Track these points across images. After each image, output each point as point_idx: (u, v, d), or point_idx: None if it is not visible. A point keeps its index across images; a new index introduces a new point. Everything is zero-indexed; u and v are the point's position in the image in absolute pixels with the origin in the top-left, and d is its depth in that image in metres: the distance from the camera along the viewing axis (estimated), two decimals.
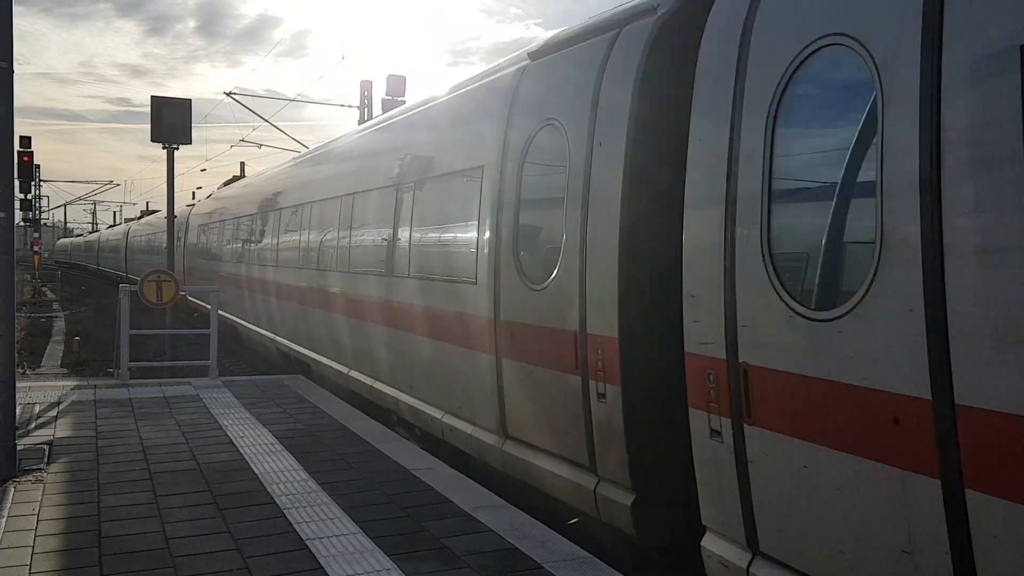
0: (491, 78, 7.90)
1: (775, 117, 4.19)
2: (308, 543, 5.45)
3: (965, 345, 3.20)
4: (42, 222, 57.19)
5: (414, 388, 8.80)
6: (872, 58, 3.68)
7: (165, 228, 25.67)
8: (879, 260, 3.54)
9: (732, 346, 4.39)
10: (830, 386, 3.80)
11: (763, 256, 4.20)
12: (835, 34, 3.89)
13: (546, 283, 6.20)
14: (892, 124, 3.53)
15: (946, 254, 3.27)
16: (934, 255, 3.30)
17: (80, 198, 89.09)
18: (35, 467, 7.09)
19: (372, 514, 6.05)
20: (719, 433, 4.51)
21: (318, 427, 8.93)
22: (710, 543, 4.68)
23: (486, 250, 7.13)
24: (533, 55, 7.07)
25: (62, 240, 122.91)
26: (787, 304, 4.04)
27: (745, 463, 4.32)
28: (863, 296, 3.62)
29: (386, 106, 23.76)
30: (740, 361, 4.33)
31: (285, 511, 6.08)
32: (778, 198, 4.18)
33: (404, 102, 23.33)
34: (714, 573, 4.66)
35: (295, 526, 5.76)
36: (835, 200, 3.87)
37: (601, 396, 5.58)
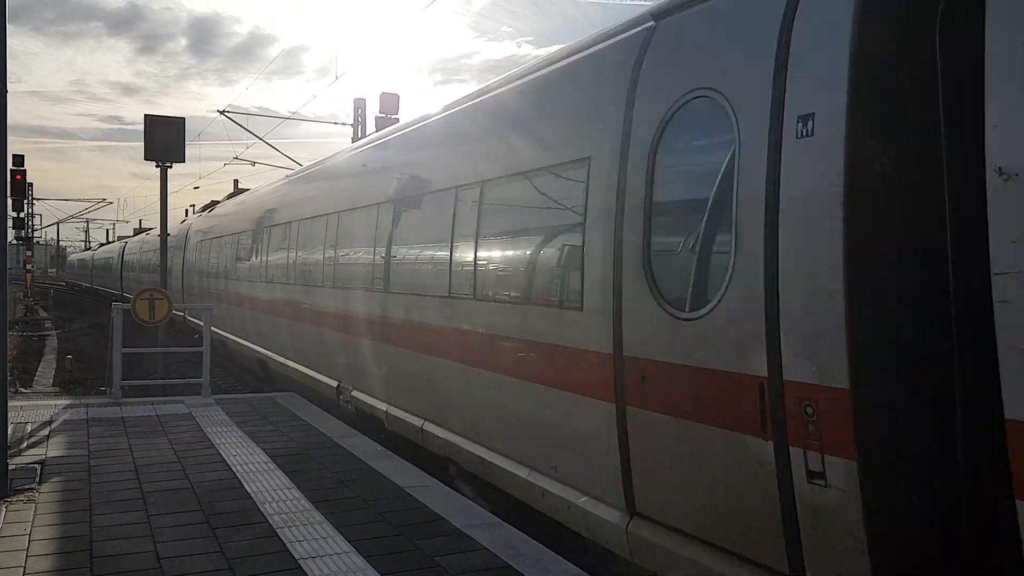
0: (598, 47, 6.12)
1: None
2: (301, 562, 5.42)
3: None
4: (35, 241, 57.10)
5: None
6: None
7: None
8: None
9: None
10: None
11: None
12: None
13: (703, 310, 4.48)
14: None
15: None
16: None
17: (73, 216, 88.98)
18: (27, 487, 7.06)
19: (365, 532, 6.03)
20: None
21: (311, 445, 8.90)
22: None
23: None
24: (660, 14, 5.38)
25: (73, 257, 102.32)
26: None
27: None
28: None
29: (380, 124, 23.83)
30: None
31: (278, 530, 6.06)
32: None
33: (398, 120, 23.40)
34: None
35: (288, 545, 5.74)
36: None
37: (815, 475, 3.89)
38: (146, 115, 14.72)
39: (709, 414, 4.50)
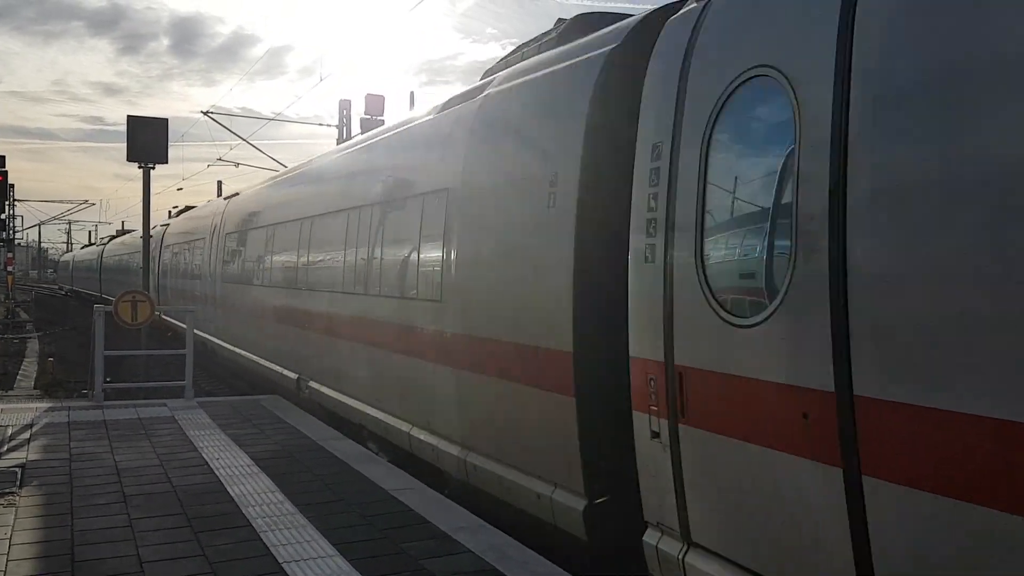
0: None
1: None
2: (284, 566, 5.39)
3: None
4: (16, 242, 56.52)
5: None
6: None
7: None
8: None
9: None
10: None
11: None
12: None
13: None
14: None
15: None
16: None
17: (55, 218, 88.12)
18: (7, 490, 6.98)
19: (349, 536, 6.00)
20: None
21: (295, 448, 8.85)
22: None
23: None
24: None
25: (67, 256, 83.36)
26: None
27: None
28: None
29: (365, 125, 23.79)
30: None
31: (261, 533, 6.02)
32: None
33: (383, 121, 23.35)
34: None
35: (271, 549, 5.70)
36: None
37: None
38: (129, 116, 14.59)
39: None
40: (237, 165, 32.78)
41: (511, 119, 7.00)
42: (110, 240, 51.18)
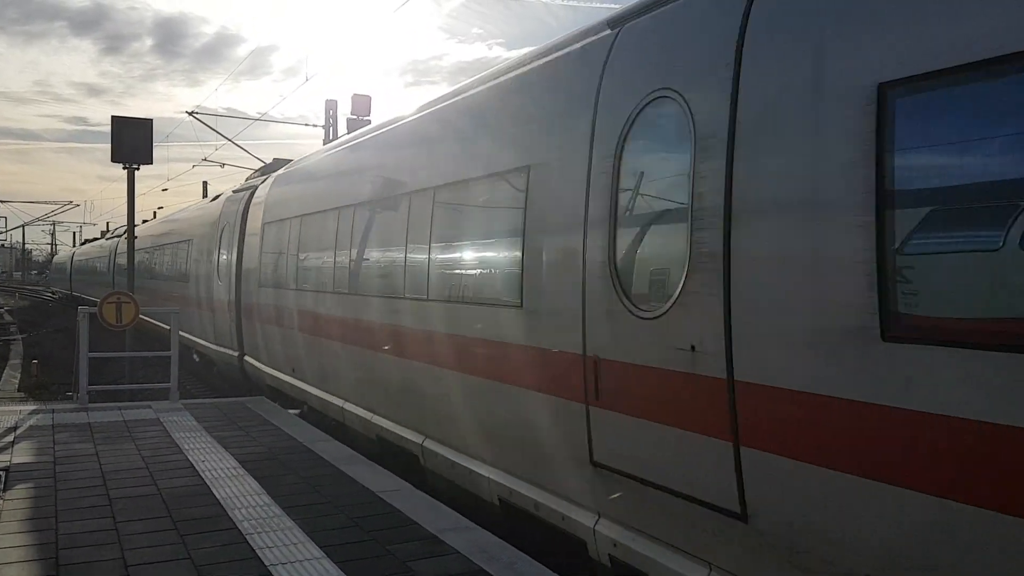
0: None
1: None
2: (271, 569, 5.37)
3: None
4: (0, 244, 56.09)
5: None
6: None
7: None
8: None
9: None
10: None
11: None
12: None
13: None
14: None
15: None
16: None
17: (39, 219, 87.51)
18: None
19: (337, 538, 5.98)
20: None
21: (282, 450, 8.82)
22: None
23: None
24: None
25: (64, 255, 69.83)
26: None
27: None
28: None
29: (351, 125, 23.75)
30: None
31: (247, 536, 6.00)
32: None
33: (370, 122, 23.31)
34: None
35: (258, 551, 5.68)
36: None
37: None
38: (113, 117, 14.51)
39: None
40: (223, 165, 32.69)
41: None
42: (113, 232, 38.29)
